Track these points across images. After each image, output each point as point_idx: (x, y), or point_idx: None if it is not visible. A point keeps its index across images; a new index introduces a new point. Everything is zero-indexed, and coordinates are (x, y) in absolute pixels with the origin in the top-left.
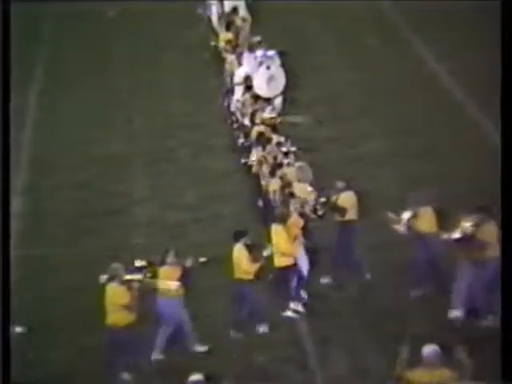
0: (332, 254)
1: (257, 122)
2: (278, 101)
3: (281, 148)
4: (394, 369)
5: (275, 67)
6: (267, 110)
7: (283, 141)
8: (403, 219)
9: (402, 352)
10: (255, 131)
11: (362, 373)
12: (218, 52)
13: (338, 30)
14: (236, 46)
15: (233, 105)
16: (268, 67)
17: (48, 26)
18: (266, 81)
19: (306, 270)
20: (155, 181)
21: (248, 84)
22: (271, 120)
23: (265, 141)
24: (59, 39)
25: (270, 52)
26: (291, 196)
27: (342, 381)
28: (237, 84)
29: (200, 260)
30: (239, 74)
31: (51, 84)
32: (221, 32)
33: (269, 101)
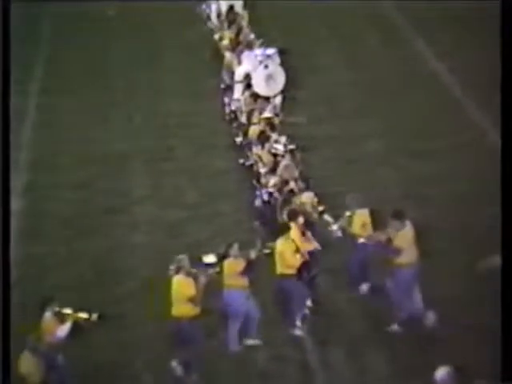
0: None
1: (254, 121)
2: (278, 100)
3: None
4: None
5: (274, 66)
6: (268, 109)
7: (283, 140)
8: (338, 222)
9: None
10: (252, 130)
11: None
12: (219, 51)
13: (339, 29)
14: (236, 45)
15: (232, 103)
16: (266, 66)
17: (48, 26)
18: (265, 80)
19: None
20: (155, 180)
21: (248, 82)
22: (269, 119)
23: (264, 139)
24: (59, 39)
25: (270, 50)
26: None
27: None
28: (236, 82)
29: (265, 252)
30: (239, 73)
31: (51, 83)
32: (221, 30)
33: (268, 100)
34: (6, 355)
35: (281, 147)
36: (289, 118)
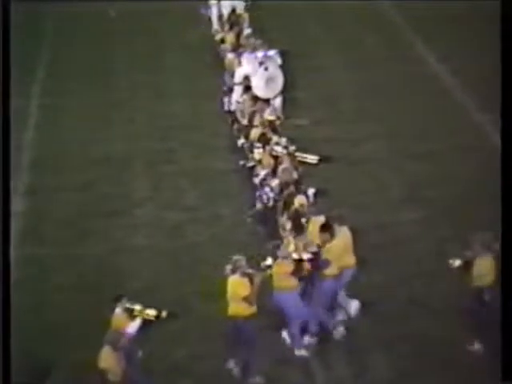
0: None
1: (255, 124)
2: (278, 101)
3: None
4: None
5: (274, 68)
6: (267, 111)
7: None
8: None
9: None
10: (254, 132)
11: None
12: (220, 52)
13: (339, 30)
14: (238, 47)
15: (233, 105)
16: (266, 68)
17: (49, 26)
18: (265, 82)
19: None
20: (156, 182)
21: (247, 84)
22: (271, 121)
23: (265, 141)
24: (61, 39)
25: (271, 52)
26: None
27: None
28: (236, 84)
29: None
30: (239, 74)
31: (53, 84)
32: (223, 32)
33: (268, 102)
34: (6, 355)
35: (281, 149)
36: (292, 121)
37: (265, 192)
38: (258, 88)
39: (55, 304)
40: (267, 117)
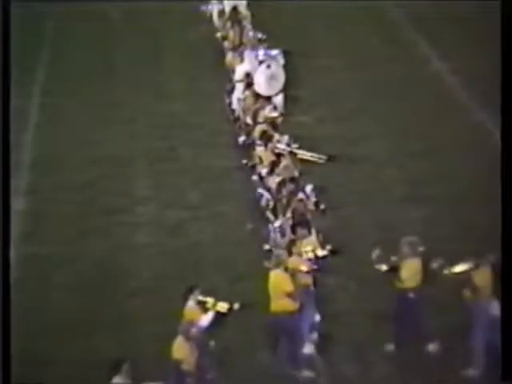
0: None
1: (259, 121)
2: (279, 99)
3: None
4: None
5: (276, 66)
6: (267, 109)
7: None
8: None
9: None
10: (258, 130)
11: None
12: (221, 50)
13: (341, 30)
14: (239, 45)
15: (234, 103)
16: (268, 66)
17: (50, 27)
18: (266, 79)
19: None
20: (157, 180)
21: (248, 82)
22: (273, 119)
23: (267, 139)
24: (61, 39)
25: (274, 51)
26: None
27: None
28: (237, 82)
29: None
30: (240, 72)
31: (53, 84)
32: (224, 30)
33: (269, 99)
34: (6, 355)
35: (283, 146)
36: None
37: (261, 194)
38: (259, 85)
39: (55, 304)
40: (268, 114)
